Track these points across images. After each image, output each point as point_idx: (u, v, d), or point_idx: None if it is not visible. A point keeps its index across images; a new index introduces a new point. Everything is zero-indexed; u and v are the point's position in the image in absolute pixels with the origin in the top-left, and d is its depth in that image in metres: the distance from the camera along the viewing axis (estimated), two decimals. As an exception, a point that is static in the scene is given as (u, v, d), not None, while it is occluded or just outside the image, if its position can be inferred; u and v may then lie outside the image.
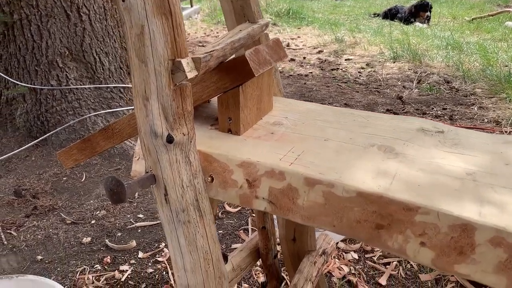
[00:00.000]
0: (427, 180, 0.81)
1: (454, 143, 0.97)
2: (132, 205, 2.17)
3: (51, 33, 2.71)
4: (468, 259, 0.72)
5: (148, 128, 0.85)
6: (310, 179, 0.83)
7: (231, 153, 0.91)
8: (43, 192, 2.29)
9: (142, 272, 1.71)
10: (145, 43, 0.80)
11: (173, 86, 0.82)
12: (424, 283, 1.65)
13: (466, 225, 0.71)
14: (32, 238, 1.91)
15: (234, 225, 2.02)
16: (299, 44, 6.50)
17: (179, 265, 0.94)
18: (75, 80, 2.79)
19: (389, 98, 4.01)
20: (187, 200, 0.89)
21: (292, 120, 1.10)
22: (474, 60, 5.09)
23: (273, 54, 1.05)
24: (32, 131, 2.80)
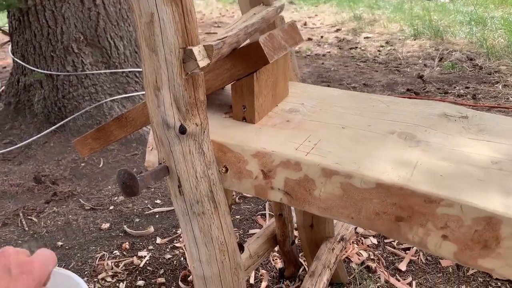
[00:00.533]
0: (450, 170, 0.77)
1: (479, 129, 0.93)
2: (150, 190, 2.18)
3: (65, 18, 2.70)
4: (493, 253, 0.68)
5: (160, 119, 0.83)
6: (327, 170, 0.80)
7: (245, 143, 0.89)
8: (62, 178, 2.32)
9: (160, 258, 1.72)
10: (155, 31, 0.78)
11: (185, 75, 0.80)
12: (445, 268, 1.62)
13: (492, 218, 0.67)
14: (52, 224, 1.94)
15: (252, 210, 2.01)
16: (317, 22, 6.37)
17: (194, 257, 0.93)
18: (90, 65, 2.78)
19: (410, 77, 3.91)
20: (201, 192, 0.88)
21: (309, 106, 1.06)
22: (499, 35, 4.91)
23: (288, 38, 1.01)
24: (50, 117, 2.82)
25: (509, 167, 0.78)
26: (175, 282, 1.61)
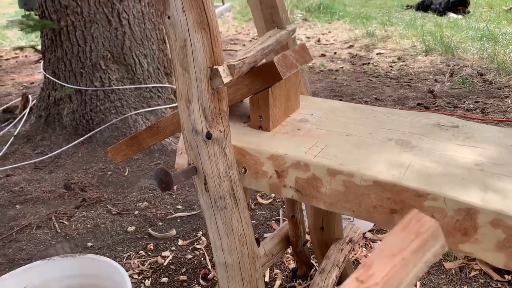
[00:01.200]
0: (438, 171, 0.90)
1: (467, 136, 1.05)
2: (172, 197, 2.33)
3: (94, 37, 2.91)
4: (471, 239, 0.81)
5: (190, 127, 0.98)
6: (332, 170, 0.94)
7: (261, 147, 1.04)
8: (90, 185, 2.49)
9: (182, 258, 1.86)
10: (188, 54, 0.93)
11: (211, 90, 0.95)
12: (448, 270, 1.72)
13: (470, 209, 0.80)
14: (82, 227, 2.10)
15: (266, 216, 2.14)
16: (330, 39, 6.53)
17: (217, 246, 1.07)
18: (116, 81, 2.98)
19: (420, 92, 4.02)
20: (224, 189, 1.02)
21: (317, 117, 1.21)
22: (510, 51, 4.99)
23: (299, 58, 1.16)
24: (78, 129, 3.02)
25: (490, 169, 0.91)
26: (196, 279, 1.74)
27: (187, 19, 0.90)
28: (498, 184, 0.85)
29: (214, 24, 0.93)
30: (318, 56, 5.59)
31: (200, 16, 0.90)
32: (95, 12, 2.86)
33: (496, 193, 0.82)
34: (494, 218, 0.78)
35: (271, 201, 2.27)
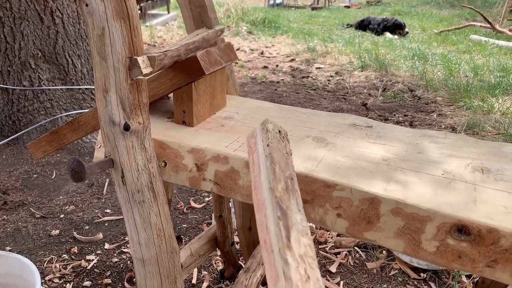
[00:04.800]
0: (348, 164, 0.95)
1: (379, 135, 1.12)
2: (100, 201, 2.25)
3: (24, 35, 2.78)
4: (374, 227, 0.85)
5: (107, 117, 0.97)
6: (249, 163, 0.96)
7: (183, 141, 1.04)
8: (13, 188, 2.35)
9: (108, 262, 1.80)
10: (106, 42, 0.92)
11: (130, 80, 0.94)
12: (370, 270, 1.79)
13: (373, 199, 0.85)
14: (1, 231, 1.98)
15: (198, 220, 2.13)
16: (273, 52, 6.67)
17: (134, 240, 1.05)
18: (47, 81, 2.86)
19: (355, 104, 4.19)
20: (142, 182, 1.01)
21: (242, 115, 1.23)
22: (438, 70, 5.35)
23: (224, 55, 1.18)
24: (3, 130, 2.85)
25: (396, 164, 0.97)
26: (120, 283, 1.69)
27: (106, 7, 0.89)
28: (401, 177, 0.91)
29: (135, 14, 0.93)
30: (260, 68, 5.68)
31: (120, 6, 0.90)
32: (26, 8, 2.74)
33: (398, 184, 0.88)
34: (394, 207, 0.83)
35: (204, 205, 2.26)
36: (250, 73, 5.38)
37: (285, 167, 0.64)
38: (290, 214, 0.55)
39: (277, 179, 0.62)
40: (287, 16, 10.11)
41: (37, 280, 1.07)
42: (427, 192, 0.85)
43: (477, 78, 4.85)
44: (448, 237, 0.79)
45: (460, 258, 0.79)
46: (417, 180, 0.90)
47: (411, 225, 0.82)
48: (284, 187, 0.61)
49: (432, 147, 1.06)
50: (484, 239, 0.77)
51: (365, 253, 1.90)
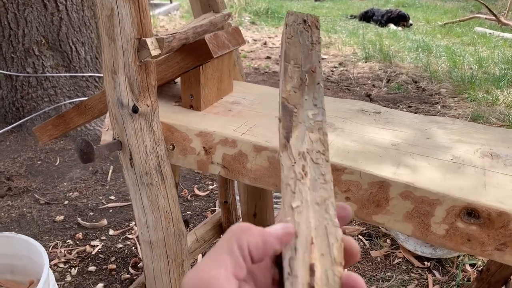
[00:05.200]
0: (357, 149, 0.95)
1: (387, 121, 1.11)
2: (104, 187, 2.26)
3: (28, 21, 2.77)
4: (383, 210, 0.85)
5: (115, 99, 0.96)
6: (257, 146, 0.95)
7: (190, 125, 1.03)
8: (17, 174, 2.36)
9: (112, 247, 1.81)
10: (114, 23, 0.91)
11: (139, 62, 0.94)
12: (374, 258, 1.80)
13: (383, 182, 0.84)
14: (6, 216, 1.99)
15: (202, 207, 2.14)
16: (276, 42, 6.63)
17: (142, 223, 1.05)
18: (51, 68, 2.85)
19: (358, 95, 4.18)
20: (150, 165, 1.01)
21: (249, 100, 1.22)
22: (442, 62, 5.32)
23: (232, 39, 1.17)
24: (7, 117, 2.85)
25: (404, 148, 0.96)
26: (125, 268, 1.70)
27: (115, -13, 0.88)
28: (410, 161, 0.91)
29: (143, -5, 0.92)
30: (263, 58, 5.65)
31: (129, -14, 0.89)
32: (29, -6, 2.72)
33: (407, 168, 0.88)
34: (404, 191, 0.83)
35: (208, 193, 2.26)
36: (253, 63, 5.36)
37: (304, 60, 0.58)
38: (298, 112, 0.52)
39: (287, 78, 0.56)
40: (290, 7, 10.04)
41: (45, 261, 1.08)
42: (437, 176, 0.85)
43: (481, 70, 4.83)
44: (458, 221, 0.79)
45: (469, 241, 0.79)
46: (426, 164, 0.89)
47: (420, 209, 0.82)
48: (296, 84, 0.55)
49: (440, 133, 1.05)
50: (493, 223, 0.76)
51: (369, 242, 1.90)
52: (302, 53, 0.60)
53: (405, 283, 1.67)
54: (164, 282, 1.10)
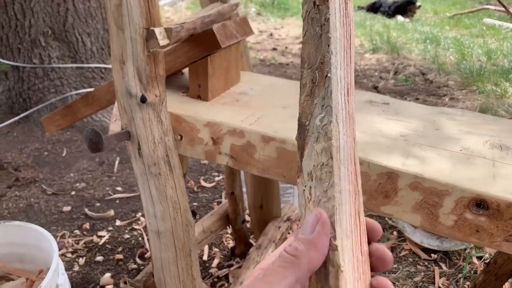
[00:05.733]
0: (365, 139, 0.94)
1: (396, 112, 1.10)
2: (111, 178, 2.27)
3: (34, 12, 2.77)
4: (391, 201, 0.85)
5: (124, 89, 0.96)
6: (266, 137, 0.95)
7: (198, 115, 1.03)
8: (24, 165, 2.37)
9: (119, 238, 1.82)
10: (123, 13, 0.91)
11: (147, 52, 0.93)
12: (380, 250, 1.80)
13: (391, 173, 0.84)
14: (14, 206, 2.00)
15: (209, 199, 2.14)
16: (282, 34, 6.60)
17: (150, 213, 1.06)
18: (57, 59, 2.85)
19: (365, 87, 4.15)
20: (158, 155, 1.01)
21: (257, 91, 1.22)
22: (450, 54, 5.27)
23: (240, 29, 1.16)
24: (14, 108, 2.86)
25: (413, 139, 0.96)
26: (132, 258, 1.71)
27: (123, -24, 0.88)
28: (419, 152, 0.90)
29: (152, -16, 0.92)
30: (269, 50, 5.63)
31: (137, -25, 0.89)
32: (36, -15, 2.72)
33: (416, 159, 0.87)
34: (412, 181, 0.82)
35: (214, 185, 2.27)
36: (259, 55, 5.34)
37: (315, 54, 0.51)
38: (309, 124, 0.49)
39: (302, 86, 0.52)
40: (296, -2, 9.97)
41: (55, 250, 1.09)
42: (446, 167, 0.85)
43: (490, 62, 4.78)
44: (466, 211, 0.79)
45: (478, 232, 0.79)
46: (435, 155, 0.89)
47: (429, 199, 0.82)
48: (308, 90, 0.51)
49: (449, 124, 1.04)
50: (502, 214, 0.76)
51: (375, 233, 1.90)
52: (313, 46, 0.52)
53: (412, 275, 1.67)
54: (171, 272, 1.11)
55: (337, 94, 0.48)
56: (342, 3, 0.55)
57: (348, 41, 0.53)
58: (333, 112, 0.46)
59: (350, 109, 0.49)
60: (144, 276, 1.35)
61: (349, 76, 0.51)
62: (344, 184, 0.43)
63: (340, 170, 0.43)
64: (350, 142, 0.47)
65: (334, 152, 0.44)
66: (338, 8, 0.54)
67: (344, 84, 0.49)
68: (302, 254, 0.36)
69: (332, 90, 0.48)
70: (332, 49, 0.50)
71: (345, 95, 0.49)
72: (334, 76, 0.49)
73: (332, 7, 0.53)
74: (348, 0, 0.56)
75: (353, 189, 0.43)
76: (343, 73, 0.50)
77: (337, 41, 0.51)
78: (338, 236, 0.39)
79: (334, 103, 0.47)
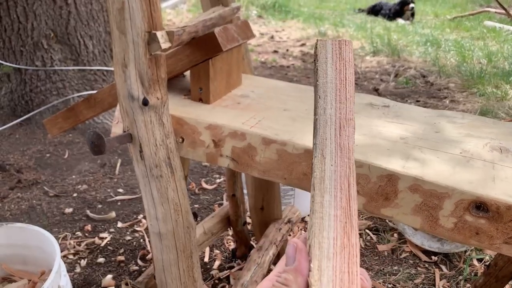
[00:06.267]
0: (365, 142, 0.95)
1: (396, 115, 1.11)
2: (113, 180, 2.28)
3: (36, 15, 2.78)
4: (392, 204, 0.86)
5: (126, 92, 0.97)
6: (266, 139, 0.96)
7: (200, 118, 1.04)
8: (26, 167, 2.38)
9: (121, 239, 1.83)
10: (125, 16, 0.92)
11: (149, 55, 0.94)
12: (381, 252, 1.80)
13: (392, 176, 0.85)
14: (16, 208, 2.01)
15: (210, 200, 2.15)
16: (283, 36, 6.62)
17: (151, 215, 1.06)
18: (59, 61, 2.87)
19: (366, 90, 4.16)
20: (160, 157, 1.01)
21: (258, 93, 1.23)
22: (451, 56, 5.28)
23: (241, 33, 1.17)
24: (16, 110, 2.88)
25: (413, 142, 0.96)
26: (134, 260, 1.72)
27: (125, -19, 0.89)
28: (419, 154, 0.91)
29: (154, -12, 0.92)
30: (270, 52, 5.64)
31: (139, -21, 0.90)
32: (38, -12, 2.74)
33: (416, 162, 0.88)
34: (412, 184, 0.83)
35: (215, 187, 2.27)
36: (260, 57, 5.35)
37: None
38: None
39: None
40: (297, 0, 9.99)
41: (57, 251, 1.09)
42: (446, 169, 0.85)
43: (491, 64, 4.78)
44: (466, 214, 0.79)
45: (478, 235, 0.79)
46: (435, 158, 0.89)
47: (429, 202, 0.82)
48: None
49: (449, 127, 1.05)
50: (502, 216, 0.77)
51: (376, 236, 1.90)
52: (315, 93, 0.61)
53: (412, 277, 1.67)
54: (173, 274, 1.11)
55: (325, 132, 0.54)
56: (335, 49, 0.62)
57: (342, 81, 0.59)
58: (319, 148, 0.52)
59: (342, 141, 0.54)
60: (146, 277, 1.36)
61: (344, 111, 0.57)
62: (328, 210, 0.46)
63: (324, 198, 0.47)
64: (343, 171, 0.51)
65: (316, 183, 0.49)
66: (331, 55, 0.62)
67: (335, 120, 0.56)
68: (291, 282, 0.41)
69: (319, 128, 0.55)
70: (320, 93, 0.58)
71: (337, 129, 0.55)
72: (322, 116, 0.56)
73: (323, 56, 0.62)
74: (343, 45, 0.63)
75: (343, 213, 0.47)
76: (333, 111, 0.56)
77: (327, 85, 0.59)
78: (316, 258, 0.41)
79: (321, 140, 0.53)
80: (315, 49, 0.64)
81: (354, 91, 0.59)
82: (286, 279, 0.41)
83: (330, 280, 0.40)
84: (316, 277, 0.40)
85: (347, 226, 0.45)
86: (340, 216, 0.46)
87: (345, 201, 0.48)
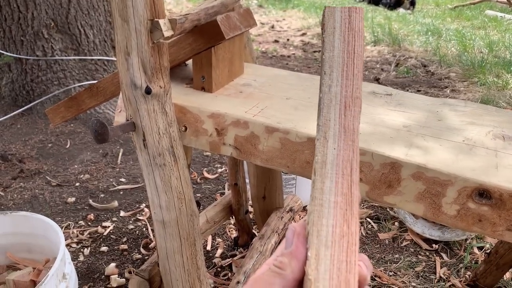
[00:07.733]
0: (368, 130, 0.95)
1: (398, 103, 1.11)
2: (115, 170, 2.28)
3: (36, 4, 2.77)
4: (395, 191, 0.86)
5: (129, 80, 0.97)
6: (269, 127, 0.96)
7: (203, 106, 1.04)
8: (29, 157, 2.39)
9: (124, 228, 1.84)
10: (127, 4, 0.91)
11: (152, 43, 0.94)
12: (382, 241, 1.81)
13: (395, 163, 0.85)
14: (19, 198, 2.02)
15: (212, 190, 2.16)
16: (284, 26, 6.58)
17: (155, 203, 1.07)
18: (60, 51, 2.86)
19: (367, 79, 4.15)
20: (163, 146, 1.02)
21: (260, 82, 1.22)
22: (452, 46, 5.25)
23: (243, 21, 1.17)
24: (17, 100, 2.87)
25: (416, 130, 0.97)
26: (136, 249, 1.73)
27: (128, -32, 0.88)
28: (422, 142, 0.91)
29: (156, -25, 0.92)
30: (271, 42, 5.62)
31: (142, -34, 0.89)
32: (38, -23, 2.72)
33: (419, 149, 0.88)
34: (415, 171, 0.83)
35: (217, 176, 2.28)
36: (261, 47, 5.33)
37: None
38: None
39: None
40: (298, -10, 9.92)
41: (61, 240, 1.10)
42: (448, 157, 0.85)
43: (492, 54, 4.76)
44: (469, 201, 0.80)
45: (481, 222, 0.80)
46: (438, 146, 0.90)
47: (432, 189, 0.83)
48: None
49: (452, 115, 1.05)
50: (505, 203, 0.77)
51: (377, 224, 1.91)
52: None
53: (413, 265, 1.68)
54: (176, 261, 1.12)
55: (329, 112, 0.50)
56: (345, 18, 0.57)
57: (350, 54, 0.54)
58: (322, 130, 0.49)
59: (347, 123, 0.50)
60: (149, 265, 1.37)
61: (350, 88, 0.52)
62: (328, 197, 0.44)
63: (324, 184, 0.45)
64: (346, 154, 0.48)
65: (317, 168, 0.46)
66: (339, 24, 0.57)
67: (340, 99, 0.51)
68: (286, 265, 0.41)
69: (323, 108, 0.50)
70: (326, 69, 0.53)
71: (342, 109, 0.51)
72: (327, 95, 0.51)
73: (331, 26, 0.56)
74: (353, 13, 0.58)
75: (344, 200, 0.44)
76: (339, 89, 0.52)
77: (333, 59, 0.54)
78: (314, 247, 0.41)
79: (324, 121, 0.49)
80: (323, 17, 0.60)
81: (362, 65, 0.54)
82: (281, 262, 0.41)
83: (327, 269, 0.40)
84: (313, 266, 0.40)
85: (348, 213, 0.44)
86: (341, 203, 0.44)
87: (346, 187, 0.45)
